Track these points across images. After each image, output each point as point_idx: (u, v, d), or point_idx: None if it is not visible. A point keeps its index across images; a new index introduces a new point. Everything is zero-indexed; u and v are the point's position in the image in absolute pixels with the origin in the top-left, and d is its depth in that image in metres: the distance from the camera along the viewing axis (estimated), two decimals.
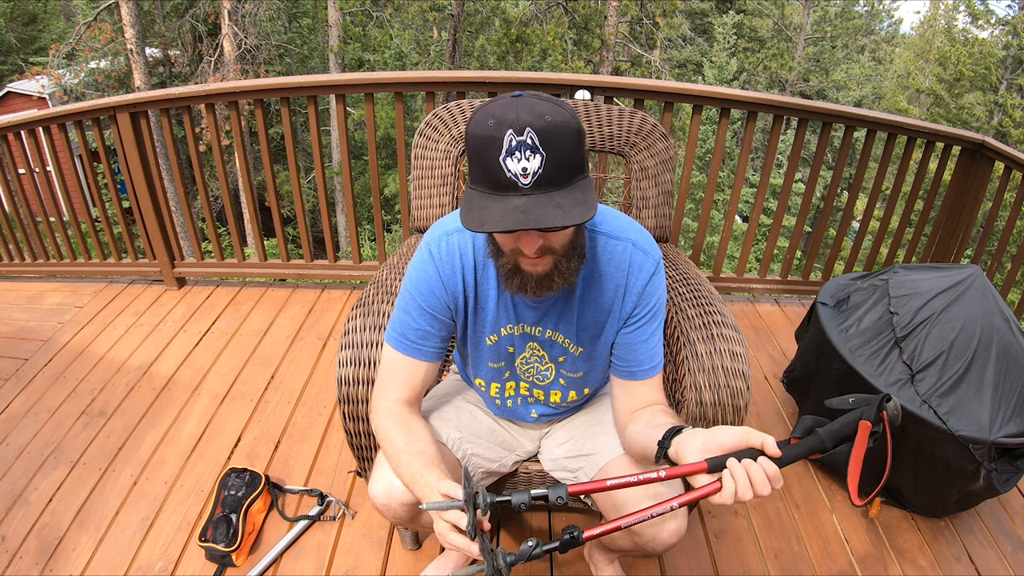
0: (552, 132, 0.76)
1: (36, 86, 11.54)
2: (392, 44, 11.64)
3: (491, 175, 0.78)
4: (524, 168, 0.76)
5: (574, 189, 0.79)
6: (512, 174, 0.76)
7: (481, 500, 0.79)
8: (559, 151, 0.77)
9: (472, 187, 0.82)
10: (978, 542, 1.65)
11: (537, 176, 0.76)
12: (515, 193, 0.77)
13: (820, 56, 17.11)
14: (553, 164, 0.77)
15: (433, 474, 0.91)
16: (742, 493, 0.74)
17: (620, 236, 0.99)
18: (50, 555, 1.57)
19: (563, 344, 1.06)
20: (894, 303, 1.65)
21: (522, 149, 0.76)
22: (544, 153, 0.76)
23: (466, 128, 0.81)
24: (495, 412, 1.25)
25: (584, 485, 0.83)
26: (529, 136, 0.75)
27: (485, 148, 0.77)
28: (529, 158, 0.76)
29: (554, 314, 1.03)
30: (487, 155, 0.77)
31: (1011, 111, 13.41)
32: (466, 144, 0.82)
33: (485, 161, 0.78)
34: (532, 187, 0.77)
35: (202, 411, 2.06)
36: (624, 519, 0.80)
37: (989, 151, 2.41)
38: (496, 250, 0.92)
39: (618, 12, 12.01)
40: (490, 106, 0.79)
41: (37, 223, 3.05)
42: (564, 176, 0.78)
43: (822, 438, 0.80)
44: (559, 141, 0.77)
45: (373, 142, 2.49)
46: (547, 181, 0.77)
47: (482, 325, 1.06)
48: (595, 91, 2.21)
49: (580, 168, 0.81)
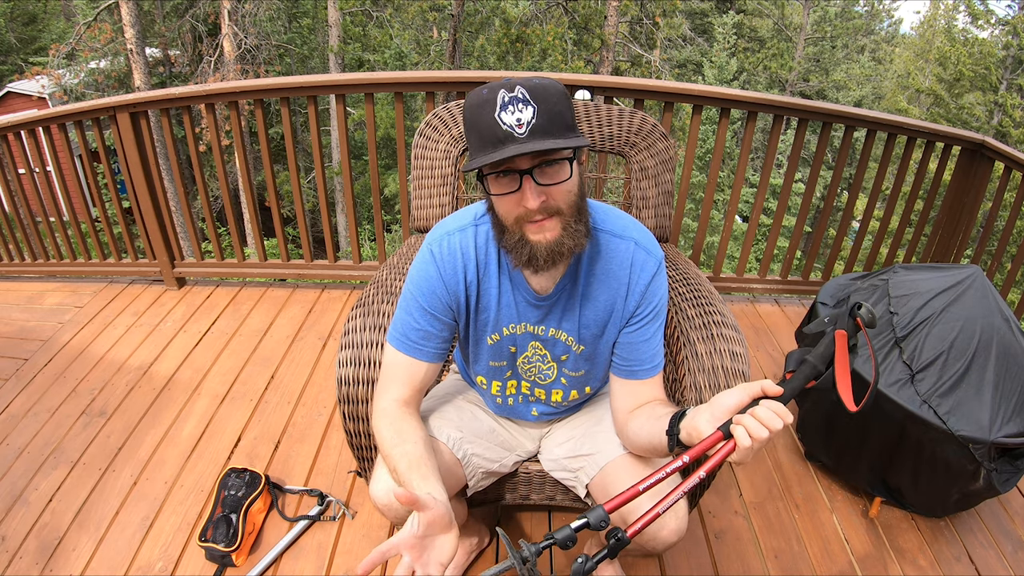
0: (540, 87, 0.82)
1: (36, 86, 11.54)
2: (392, 44, 11.64)
3: (488, 132, 0.82)
4: (518, 119, 0.81)
5: (569, 140, 0.83)
6: (507, 126, 0.81)
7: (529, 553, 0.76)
8: (549, 104, 0.82)
9: (471, 159, 0.85)
10: (978, 542, 1.65)
11: (531, 125, 0.81)
12: (512, 144, 0.81)
13: (820, 56, 17.10)
14: (545, 115, 0.81)
15: (415, 476, 0.90)
16: (756, 433, 0.75)
17: (623, 235, 0.99)
18: (50, 555, 1.57)
19: (566, 342, 1.06)
20: (894, 303, 1.65)
21: (515, 103, 0.81)
22: (535, 105, 0.81)
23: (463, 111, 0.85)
24: (495, 411, 1.24)
25: (619, 498, 0.81)
26: (519, 91, 0.81)
27: (480, 111, 0.82)
28: (522, 110, 0.81)
29: (557, 312, 1.03)
30: (483, 116, 0.82)
31: (1011, 111, 13.40)
32: (464, 120, 0.86)
33: (481, 122, 0.82)
34: (528, 136, 0.81)
35: (202, 411, 2.06)
36: (660, 504, 0.80)
37: (989, 151, 2.41)
38: (500, 227, 0.91)
39: (618, 12, 12.01)
40: (482, 86, 0.84)
41: (37, 223, 3.05)
42: (557, 127, 0.82)
43: (813, 363, 0.82)
44: (548, 95, 0.82)
45: (373, 142, 2.49)
46: (541, 130, 0.81)
47: (484, 324, 1.06)
48: (595, 91, 2.21)
49: (572, 127, 0.85)
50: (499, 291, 1.02)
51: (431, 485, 0.88)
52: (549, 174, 0.84)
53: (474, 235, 1.00)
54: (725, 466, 1.84)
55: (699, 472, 0.79)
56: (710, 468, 0.79)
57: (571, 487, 1.21)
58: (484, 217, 0.99)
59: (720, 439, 0.79)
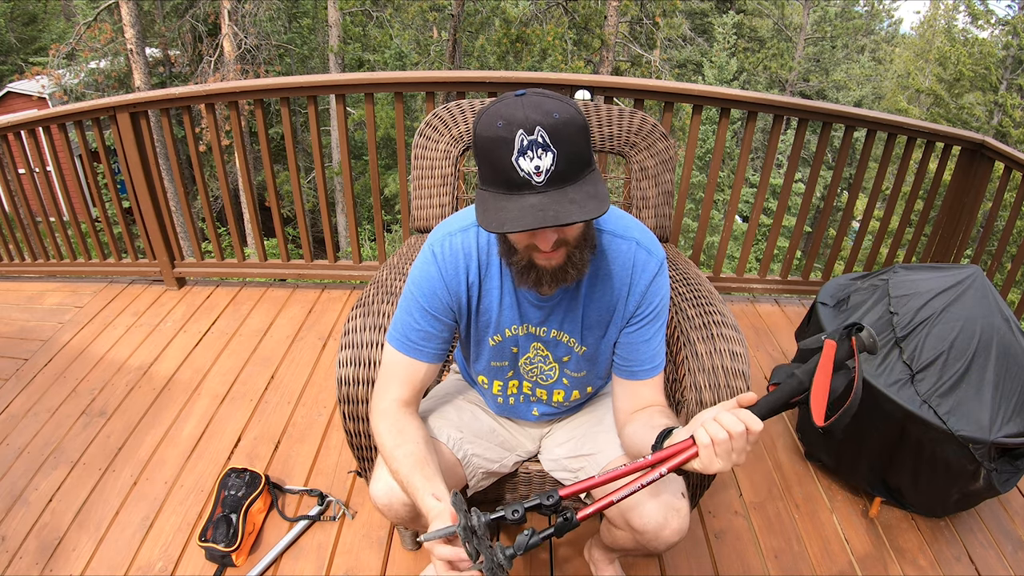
0: (561, 129, 0.77)
1: (36, 86, 11.54)
2: (392, 44, 11.64)
3: (504, 175, 0.78)
4: (537, 166, 0.77)
5: (585, 183, 0.81)
6: (525, 173, 0.77)
7: (476, 521, 0.77)
8: (569, 146, 0.78)
9: (484, 188, 0.83)
10: (978, 542, 1.65)
11: (550, 173, 0.78)
12: (529, 191, 0.78)
13: (820, 56, 17.11)
14: (564, 160, 0.78)
15: (417, 476, 0.91)
16: (714, 434, 0.76)
17: (625, 235, 0.99)
18: (50, 555, 1.57)
19: (567, 343, 1.06)
20: (894, 303, 1.65)
21: (534, 148, 0.77)
22: (555, 150, 0.77)
23: (473, 129, 0.82)
24: (496, 410, 1.24)
25: (575, 486, 0.83)
26: (540, 135, 0.76)
27: (496, 149, 0.78)
28: (541, 156, 0.77)
29: (559, 313, 1.03)
30: (498, 156, 0.78)
31: (1011, 111, 13.40)
32: (474, 146, 0.82)
33: (497, 162, 0.78)
34: (546, 184, 0.78)
35: (202, 411, 2.06)
36: (614, 494, 0.81)
37: (989, 151, 2.41)
38: (509, 248, 0.92)
39: (618, 12, 12.02)
40: (496, 107, 0.79)
41: (37, 223, 3.05)
42: (575, 171, 0.80)
43: (799, 378, 0.81)
44: (568, 137, 0.78)
45: (373, 142, 2.49)
46: (560, 177, 0.78)
47: (485, 325, 1.06)
48: (595, 91, 2.21)
49: (588, 161, 0.82)
50: (501, 292, 1.02)
51: (434, 486, 0.88)
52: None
53: (476, 235, 0.99)
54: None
55: (660, 468, 0.80)
56: (671, 467, 0.80)
57: None
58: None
59: (690, 445, 0.80)
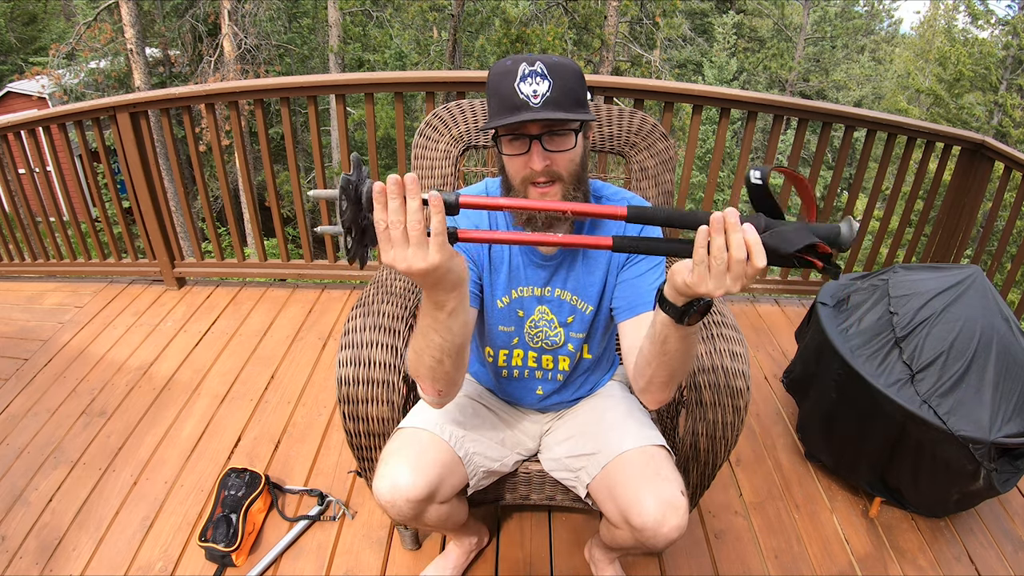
0: (558, 65, 0.91)
1: (36, 86, 11.53)
2: (392, 44, 11.65)
3: (506, 99, 0.91)
4: (534, 90, 0.89)
5: (578, 115, 0.92)
6: (524, 95, 0.90)
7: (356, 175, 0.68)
8: (564, 80, 0.91)
9: (490, 120, 0.94)
10: (978, 542, 1.65)
11: (545, 97, 0.90)
12: (527, 111, 0.90)
13: (820, 56, 17.12)
14: (560, 90, 0.90)
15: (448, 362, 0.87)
16: (716, 252, 0.67)
17: (617, 197, 1.11)
18: (50, 555, 1.57)
19: (572, 303, 1.11)
20: (894, 303, 1.65)
21: (533, 76, 0.90)
22: (551, 80, 0.90)
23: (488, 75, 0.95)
24: (499, 391, 1.27)
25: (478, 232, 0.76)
26: (539, 66, 0.90)
27: (502, 79, 0.91)
28: (539, 83, 0.90)
29: (562, 273, 1.10)
30: (503, 84, 0.91)
31: (1011, 111, 13.39)
32: (487, 86, 0.95)
33: (502, 89, 0.91)
34: (541, 106, 0.89)
35: (202, 411, 2.06)
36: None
37: (989, 151, 2.41)
38: (508, 186, 1.00)
39: (618, 12, 12.01)
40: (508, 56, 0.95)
41: (37, 223, 3.05)
42: (570, 103, 0.91)
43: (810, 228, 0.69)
44: (564, 72, 0.91)
45: (373, 142, 2.49)
46: (554, 103, 0.90)
47: (495, 287, 1.11)
48: (595, 91, 2.21)
49: (582, 102, 0.94)
50: (509, 256, 1.09)
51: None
52: (556, 142, 0.93)
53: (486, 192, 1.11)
54: (725, 466, 1.84)
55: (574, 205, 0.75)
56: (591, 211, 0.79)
57: (571, 487, 1.21)
58: (495, 184, 1.12)
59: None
